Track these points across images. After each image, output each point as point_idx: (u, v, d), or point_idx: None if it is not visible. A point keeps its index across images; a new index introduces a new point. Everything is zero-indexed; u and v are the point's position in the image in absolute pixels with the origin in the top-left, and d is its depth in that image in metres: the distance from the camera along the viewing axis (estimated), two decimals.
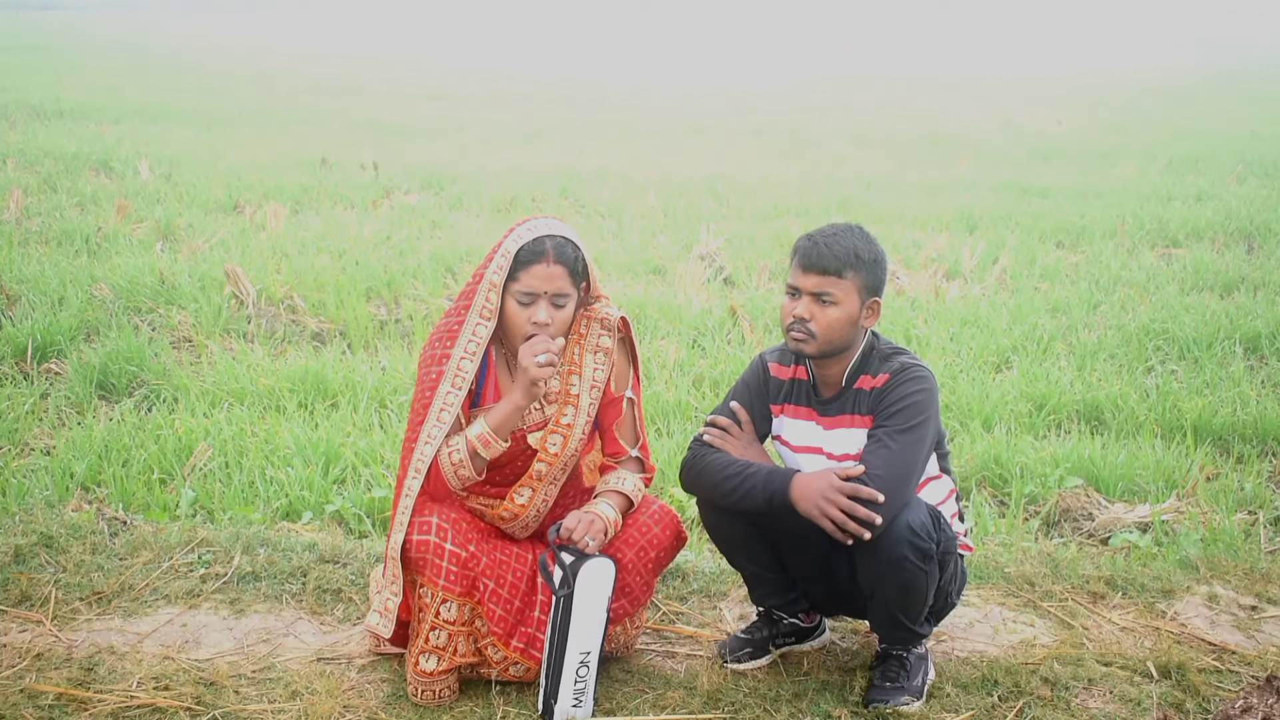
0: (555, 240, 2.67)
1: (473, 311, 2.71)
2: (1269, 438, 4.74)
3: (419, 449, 2.68)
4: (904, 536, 2.58)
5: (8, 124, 13.59)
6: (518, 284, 2.66)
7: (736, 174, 12.02)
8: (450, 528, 2.67)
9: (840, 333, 2.69)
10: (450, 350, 2.70)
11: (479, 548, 2.72)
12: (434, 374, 2.71)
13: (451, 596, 2.66)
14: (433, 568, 2.64)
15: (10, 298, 6.08)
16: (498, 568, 2.74)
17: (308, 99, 19.38)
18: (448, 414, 2.68)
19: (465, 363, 2.70)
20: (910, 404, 2.65)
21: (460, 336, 2.71)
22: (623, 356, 2.88)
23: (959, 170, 12.90)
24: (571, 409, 2.80)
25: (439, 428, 2.67)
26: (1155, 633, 3.18)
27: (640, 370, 2.92)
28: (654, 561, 2.87)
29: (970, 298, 6.84)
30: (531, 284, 2.65)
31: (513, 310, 2.69)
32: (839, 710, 2.76)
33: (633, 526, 2.85)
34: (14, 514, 3.72)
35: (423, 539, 2.63)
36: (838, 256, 2.65)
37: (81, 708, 2.67)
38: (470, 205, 9.93)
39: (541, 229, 2.69)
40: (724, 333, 6.09)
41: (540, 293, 2.66)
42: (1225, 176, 12.25)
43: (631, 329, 2.87)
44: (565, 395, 2.81)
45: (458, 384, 2.69)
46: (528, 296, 2.66)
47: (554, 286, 2.66)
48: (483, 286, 2.70)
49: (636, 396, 2.90)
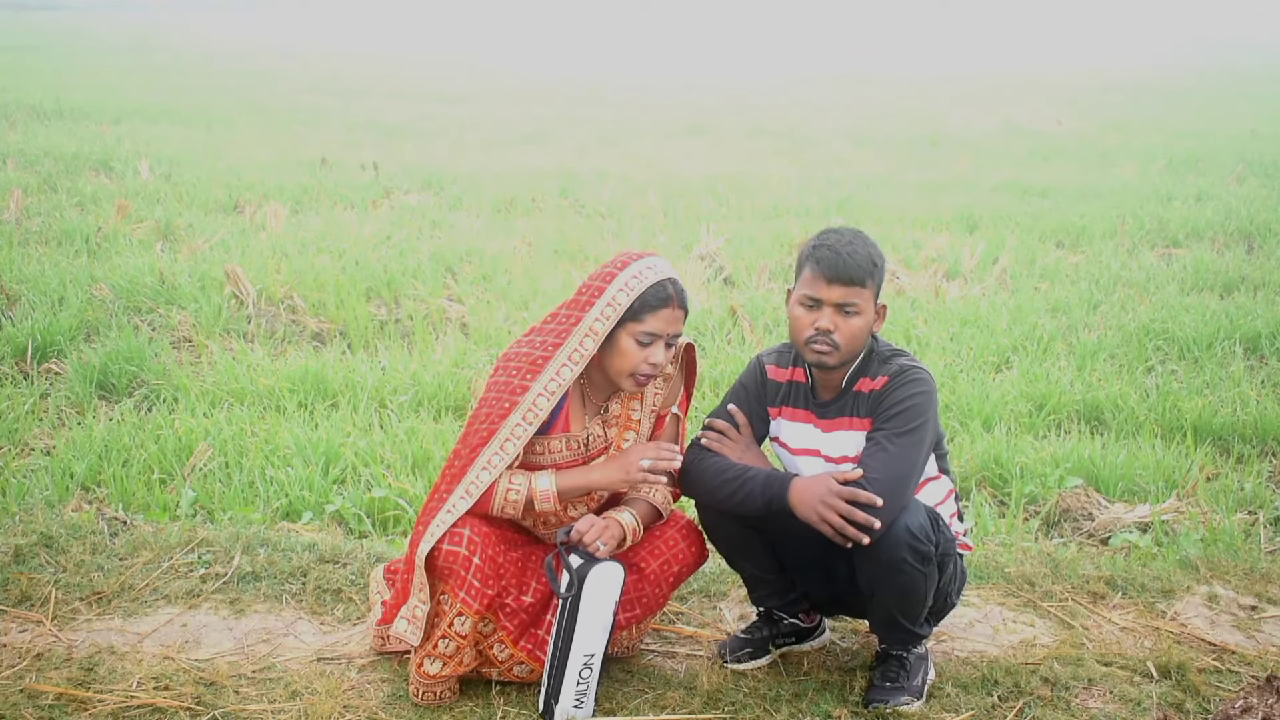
0: (676, 286, 2.71)
1: (563, 351, 2.69)
2: (1269, 438, 4.74)
3: (474, 472, 2.66)
4: (903, 539, 2.57)
5: (8, 124, 13.58)
6: (641, 325, 2.66)
7: (736, 174, 12.01)
8: (481, 541, 2.64)
9: (861, 341, 2.70)
10: (529, 384, 2.68)
11: (505, 558, 2.71)
12: (506, 403, 2.68)
13: (469, 612, 2.65)
14: (457, 579, 2.63)
15: (10, 298, 6.08)
16: (521, 574, 2.75)
17: (308, 99, 19.36)
18: (512, 445, 2.67)
19: (542, 400, 2.68)
20: (909, 407, 2.65)
21: (543, 373, 2.68)
22: (679, 376, 2.91)
23: (959, 170, 12.90)
24: (632, 434, 2.84)
25: (500, 457, 2.67)
26: (1155, 633, 3.18)
27: (693, 390, 2.95)
28: (676, 575, 2.89)
29: (970, 298, 6.84)
30: (657, 327, 2.67)
31: (629, 348, 2.68)
32: (839, 710, 2.76)
33: (660, 539, 2.86)
34: (14, 514, 3.72)
35: (453, 549, 2.62)
36: (861, 266, 2.64)
37: (81, 708, 2.67)
38: (470, 205, 9.92)
39: (658, 272, 2.69)
40: (724, 333, 6.09)
41: (662, 334, 2.68)
42: (1225, 176, 12.25)
43: (695, 352, 2.91)
44: (626, 420, 2.84)
45: (529, 419, 2.68)
46: (649, 337, 2.68)
47: (675, 330, 2.71)
48: (579, 330, 2.68)
49: (683, 414, 2.92)
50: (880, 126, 17.63)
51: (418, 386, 5.03)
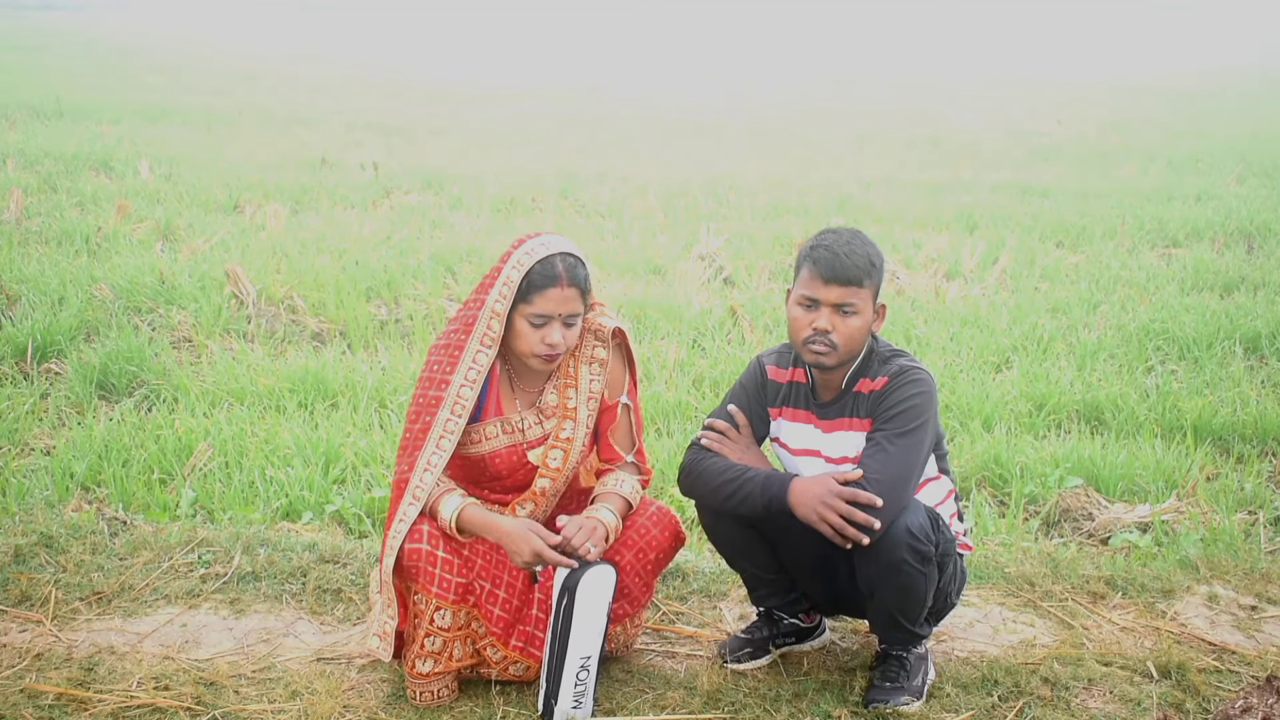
0: (566, 261, 2.66)
1: (473, 338, 2.69)
2: (1269, 438, 4.74)
3: (417, 475, 2.66)
4: (902, 540, 2.57)
5: (8, 124, 13.58)
6: (531, 307, 2.64)
7: (736, 174, 12.01)
8: (442, 535, 2.66)
9: (859, 341, 2.69)
10: (450, 376, 2.68)
11: (473, 550, 2.72)
12: (432, 398, 2.69)
13: (445, 604, 2.66)
14: (426, 575, 2.63)
15: (10, 298, 6.08)
16: (494, 568, 2.74)
17: (308, 99, 19.35)
18: (448, 440, 2.68)
19: (465, 390, 2.68)
20: (908, 407, 2.65)
21: (460, 363, 2.69)
22: (618, 363, 2.87)
23: (959, 170, 12.89)
24: (570, 423, 2.80)
25: (439, 455, 2.67)
26: (1155, 633, 3.18)
27: (637, 376, 2.92)
28: (653, 563, 2.87)
29: (970, 298, 6.84)
30: (546, 307, 2.64)
31: (524, 331, 2.67)
32: (839, 710, 2.76)
33: (631, 529, 2.85)
34: (14, 514, 3.73)
35: (414, 547, 2.63)
36: (858, 266, 2.63)
37: (81, 708, 2.67)
38: (470, 205, 9.92)
39: (547, 248, 2.67)
40: (724, 333, 6.09)
41: (554, 315, 2.65)
42: (1225, 176, 12.24)
43: (628, 337, 2.86)
44: (563, 409, 2.81)
45: (458, 411, 2.68)
46: (541, 319, 2.65)
47: (567, 309, 2.66)
48: (484, 314, 2.68)
49: (632, 402, 2.89)
50: (880, 126, 17.61)
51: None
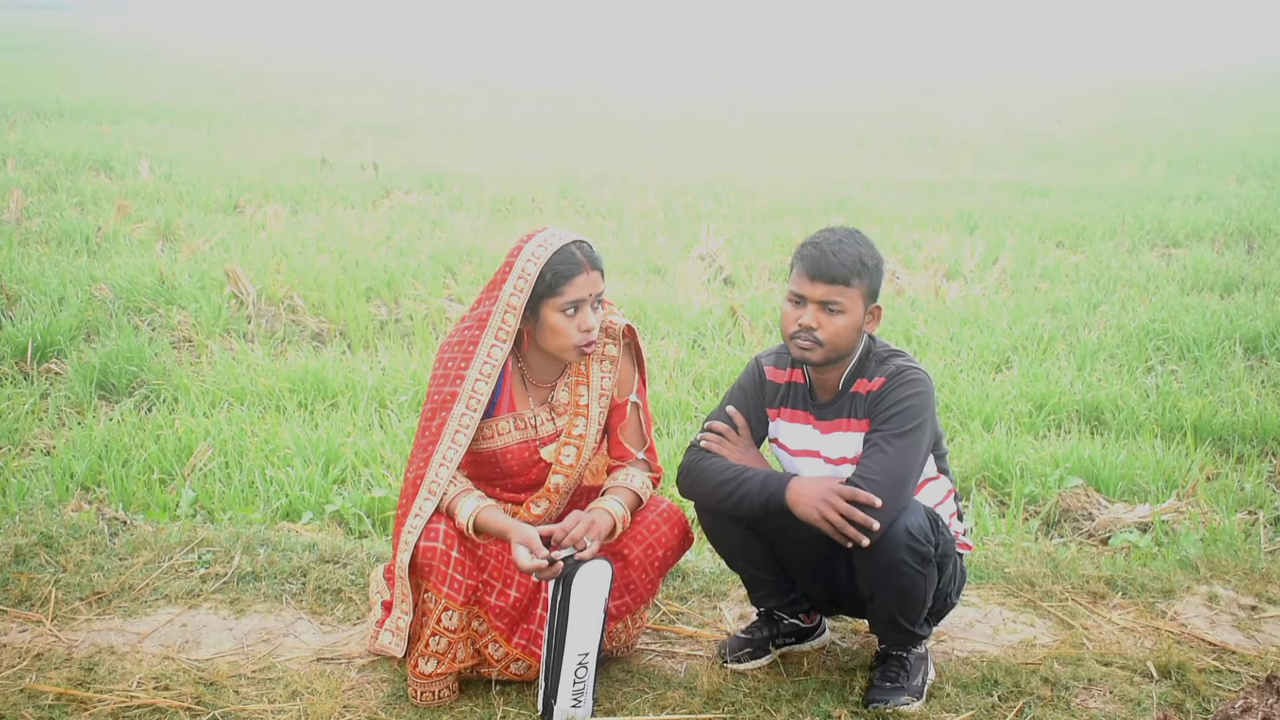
0: (583, 248, 2.69)
1: (488, 332, 2.71)
2: (1269, 438, 4.74)
3: (433, 470, 2.68)
4: (902, 540, 2.57)
5: (8, 124, 13.58)
6: (561, 298, 2.66)
7: (736, 174, 12.01)
8: (457, 534, 2.67)
9: (846, 340, 2.69)
10: (465, 371, 2.70)
11: (486, 550, 2.73)
12: (447, 394, 2.71)
13: (454, 605, 2.67)
14: (438, 574, 2.64)
15: (10, 298, 6.08)
16: (505, 567, 2.75)
17: (308, 99, 19.35)
18: (463, 436, 2.69)
19: (480, 384, 2.70)
20: (906, 408, 2.65)
21: (475, 357, 2.71)
22: (628, 362, 2.89)
23: (959, 170, 12.89)
24: (582, 420, 2.82)
25: (454, 450, 2.69)
26: (1155, 633, 3.18)
27: (646, 374, 2.94)
28: (661, 560, 2.88)
29: (970, 298, 6.84)
30: (576, 293, 2.66)
31: (559, 325, 2.68)
32: (839, 710, 2.76)
33: (641, 524, 2.86)
34: (14, 514, 3.73)
35: (429, 545, 2.64)
36: (845, 265, 2.63)
37: (81, 708, 2.67)
38: (470, 205, 9.92)
39: (559, 239, 2.69)
40: (724, 333, 6.09)
41: (585, 298, 2.67)
42: (1225, 176, 12.24)
43: (637, 335, 2.89)
44: (575, 407, 2.83)
45: (473, 406, 2.70)
46: (573, 306, 2.67)
47: (596, 289, 2.69)
48: (498, 308, 2.69)
49: (641, 400, 2.91)
50: (880, 126, 17.62)
51: (418, 386, 5.03)
